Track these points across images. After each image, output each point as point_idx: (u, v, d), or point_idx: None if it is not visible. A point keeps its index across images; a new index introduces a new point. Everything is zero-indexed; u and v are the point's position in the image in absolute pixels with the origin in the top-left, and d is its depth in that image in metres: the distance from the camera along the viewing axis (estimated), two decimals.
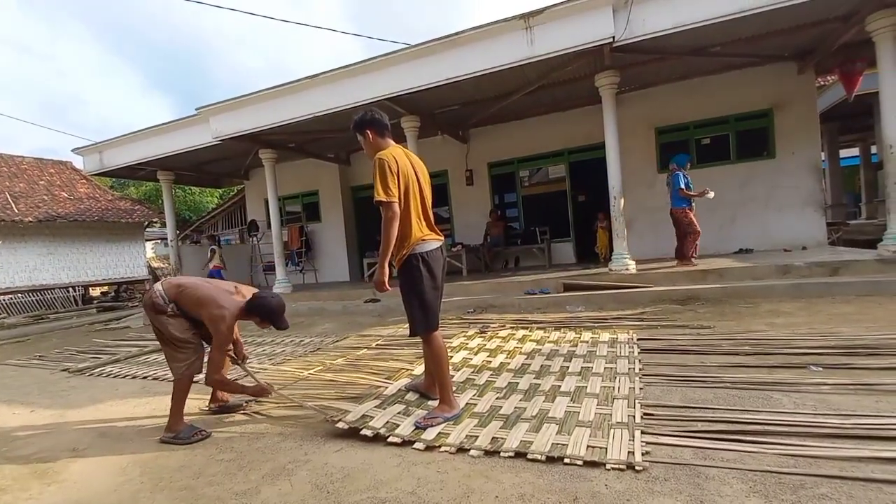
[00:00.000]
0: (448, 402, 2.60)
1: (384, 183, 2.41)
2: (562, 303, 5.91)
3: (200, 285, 2.82)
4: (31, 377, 5.12)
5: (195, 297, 2.73)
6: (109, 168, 9.73)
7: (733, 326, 4.09)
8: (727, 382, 2.76)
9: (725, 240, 7.84)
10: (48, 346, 7.31)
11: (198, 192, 25.93)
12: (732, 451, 1.97)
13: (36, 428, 3.27)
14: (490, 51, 5.97)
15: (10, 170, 14.73)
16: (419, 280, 2.53)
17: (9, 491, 2.30)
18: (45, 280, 13.14)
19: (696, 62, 7.18)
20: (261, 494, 2.03)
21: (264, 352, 5.11)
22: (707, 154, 8.27)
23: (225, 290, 2.85)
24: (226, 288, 2.90)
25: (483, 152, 9.75)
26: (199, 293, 2.74)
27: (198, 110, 8.08)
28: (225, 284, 2.98)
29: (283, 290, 8.81)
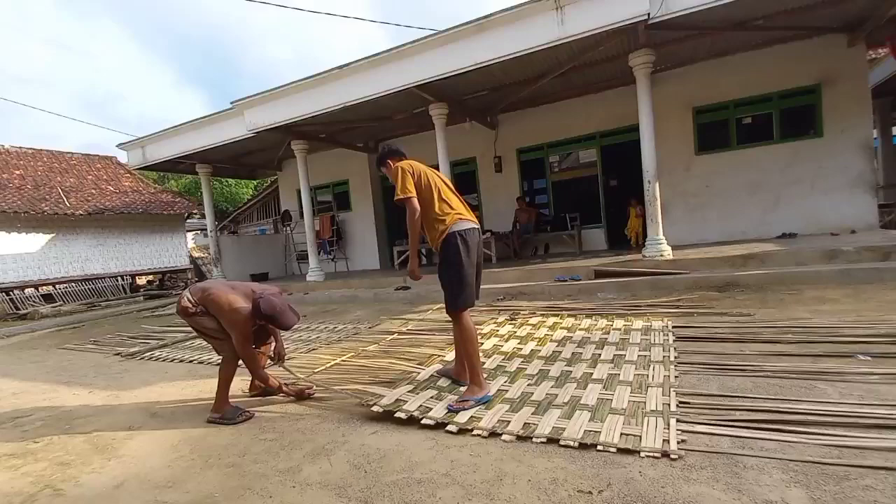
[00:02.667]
0: (478, 383, 2.66)
1: (402, 184, 2.70)
2: (593, 290, 5.84)
3: (221, 292, 2.91)
4: (87, 361, 5.48)
5: (216, 303, 2.85)
6: (152, 162, 10.16)
7: (775, 314, 3.94)
8: (768, 371, 2.68)
9: (767, 224, 7.52)
10: (101, 332, 7.79)
11: (234, 183, 26.78)
12: (773, 441, 1.93)
13: (94, 407, 3.52)
14: (519, 33, 5.85)
15: (61, 166, 15.60)
16: (458, 256, 2.66)
17: (73, 465, 2.49)
18: (95, 270, 13.93)
19: (737, 37, 6.82)
20: (302, 472, 2.13)
21: (300, 338, 5.28)
22: (748, 134, 7.90)
23: (244, 296, 2.92)
24: (246, 292, 2.96)
25: (512, 138, 9.63)
26: (220, 300, 2.86)
27: (233, 104, 8.31)
28: (248, 287, 3.04)
29: (315, 278, 9.05)
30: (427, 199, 2.72)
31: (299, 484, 2.03)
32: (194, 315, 2.91)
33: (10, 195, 12.78)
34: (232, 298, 2.87)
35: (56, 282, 13.16)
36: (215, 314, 2.88)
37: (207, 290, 2.94)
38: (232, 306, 2.83)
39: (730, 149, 7.84)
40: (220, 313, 2.85)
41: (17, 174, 14.06)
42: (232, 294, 2.91)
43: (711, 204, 7.93)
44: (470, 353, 2.69)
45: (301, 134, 8.94)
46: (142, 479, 2.25)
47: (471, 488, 1.84)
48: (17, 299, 12.25)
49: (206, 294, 2.91)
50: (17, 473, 2.45)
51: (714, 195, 7.90)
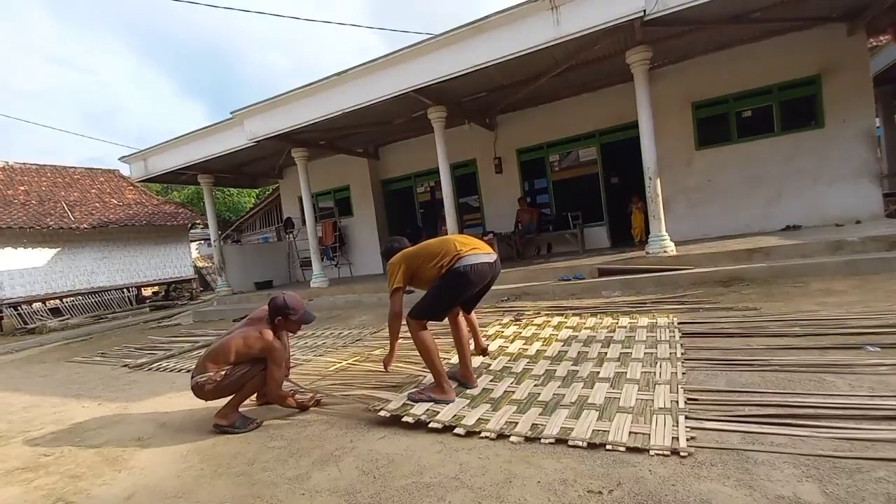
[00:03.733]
0: (442, 388, 2.75)
1: (389, 279, 2.89)
2: (597, 288, 5.82)
3: (229, 339, 2.90)
4: (96, 373, 5.51)
5: (236, 349, 2.84)
6: (154, 174, 10.21)
7: (781, 307, 3.92)
8: (776, 365, 2.67)
9: (771, 217, 7.48)
10: (108, 344, 7.83)
11: (236, 193, 26.87)
12: (783, 436, 1.92)
13: (103, 419, 3.54)
14: (515, 34, 5.85)
15: (65, 180, 15.73)
16: (452, 287, 2.74)
17: (84, 477, 2.51)
18: (101, 282, 14.04)
19: (734, 30, 6.80)
20: (311, 479, 2.13)
21: (306, 344, 5.30)
22: (749, 127, 7.88)
23: (251, 328, 2.95)
24: (249, 327, 2.98)
25: (511, 139, 9.63)
26: (236, 342, 2.86)
27: (233, 114, 8.35)
28: (248, 321, 3.06)
29: (319, 284, 9.06)
30: (435, 254, 2.80)
31: (309, 491, 2.03)
32: (214, 386, 2.83)
33: (15, 211, 12.89)
34: (245, 333, 2.89)
35: (63, 295, 13.26)
36: (247, 356, 2.85)
37: (213, 350, 2.90)
38: (253, 337, 2.85)
39: (730, 143, 7.81)
40: (249, 350, 2.84)
41: (21, 190, 14.19)
42: (239, 333, 2.92)
43: (713, 198, 7.90)
44: (428, 361, 2.77)
45: (301, 141, 8.97)
46: (152, 489, 2.26)
47: (480, 491, 1.83)
48: (25, 314, 12.35)
49: (215, 353, 2.87)
50: (30, 487, 2.46)
51: (716, 190, 7.87)
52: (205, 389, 2.84)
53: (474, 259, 2.74)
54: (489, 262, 2.81)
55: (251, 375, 2.88)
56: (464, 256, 2.72)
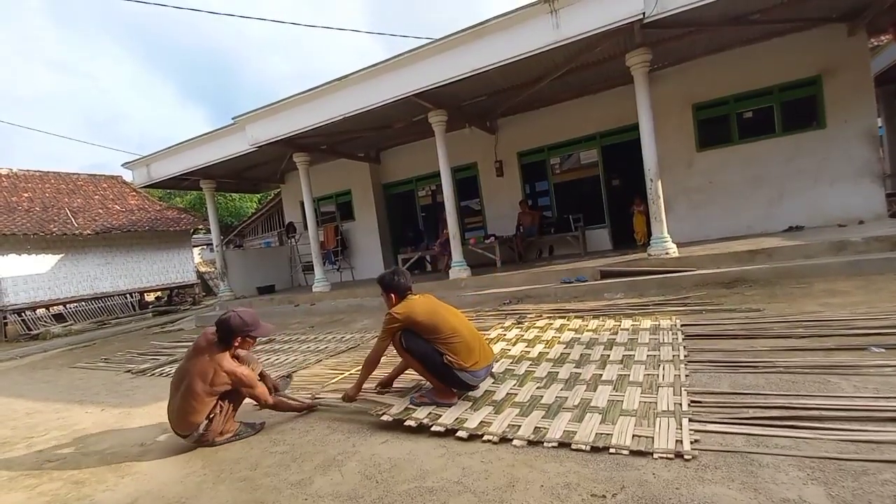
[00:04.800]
0: (442, 391, 2.77)
1: (385, 328, 2.80)
2: (599, 290, 5.81)
3: (196, 389, 2.64)
4: (99, 378, 5.52)
5: (210, 393, 2.66)
6: (157, 180, 10.25)
7: (785, 308, 3.90)
8: (780, 367, 2.66)
9: (773, 217, 7.46)
10: (112, 350, 7.84)
11: (238, 198, 26.97)
12: (788, 438, 1.91)
13: (107, 425, 3.54)
14: (515, 38, 5.87)
15: (68, 187, 15.80)
16: (439, 365, 2.68)
17: (87, 483, 2.51)
18: (104, 288, 14.07)
19: (734, 32, 6.81)
20: (314, 484, 2.13)
21: (308, 348, 5.29)
22: (750, 128, 7.86)
23: (202, 362, 2.71)
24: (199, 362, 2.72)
25: (512, 142, 9.65)
26: (205, 391, 2.65)
27: (234, 119, 8.39)
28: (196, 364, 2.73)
29: (322, 288, 9.07)
30: (445, 335, 2.70)
31: (311, 496, 2.03)
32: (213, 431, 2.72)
33: (19, 218, 12.95)
34: (203, 374, 2.64)
35: (66, 301, 13.29)
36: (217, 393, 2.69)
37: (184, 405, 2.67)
38: (214, 375, 2.64)
39: (731, 144, 7.80)
40: (217, 388, 2.66)
41: (25, 197, 14.26)
42: (196, 374, 2.66)
43: (715, 200, 7.89)
44: (422, 372, 2.80)
45: (302, 146, 9.00)
46: (155, 495, 2.26)
47: (483, 495, 1.83)
48: (29, 320, 12.38)
49: (188, 406, 2.65)
50: (34, 493, 2.47)
51: (717, 191, 7.86)
52: (209, 439, 2.73)
53: (475, 377, 2.73)
54: (483, 376, 2.82)
55: (234, 402, 2.82)
56: (470, 371, 2.67)
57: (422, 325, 2.72)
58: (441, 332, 2.69)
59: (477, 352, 2.73)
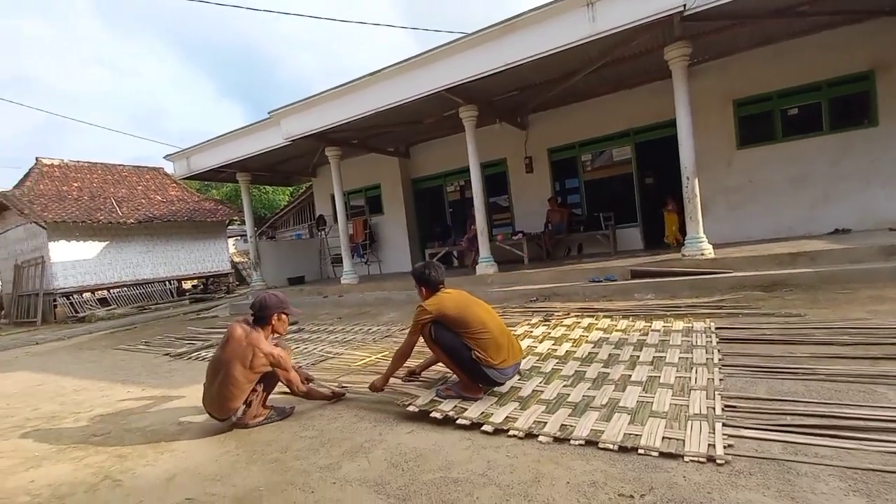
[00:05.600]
0: (468, 385, 2.77)
1: (416, 320, 2.83)
2: (629, 290, 5.69)
3: (235, 373, 2.73)
4: (139, 360, 5.80)
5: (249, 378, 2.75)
6: (196, 172, 10.63)
7: (828, 314, 3.73)
8: (821, 374, 2.55)
9: (817, 219, 7.11)
10: (151, 333, 8.21)
11: (271, 190, 27.67)
12: (828, 448, 1.83)
13: (147, 404, 3.72)
14: (549, 32, 5.78)
15: (114, 177, 16.58)
16: (467, 360, 2.68)
17: (130, 458, 2.65)
18: (145, 275, 14.73)
19: (779, 24, 6.50)
20: (342, 469, 2.18)
21: (336, 339, 5.40)
22: (794, 126, 7.50)
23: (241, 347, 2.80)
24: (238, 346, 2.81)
25: (543, 138, 9.53)
26: (245, 376, 2.74)
27: (270, 113, 8.60)
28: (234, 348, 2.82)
29: (350, 280, 9.22)
30: (474, 329, 2.70)
31: (339, 480, 2.08)
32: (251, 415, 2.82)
33: (69, 206, 13.68)
34: (242, 358, 2.73)
35: (110, 286, 13.99)
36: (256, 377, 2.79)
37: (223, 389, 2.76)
38: (254, 357, 2.73)
39: (774, 141, 7.47)
40: (257, 371, 2.76)
41: (74, 186, 15.04)
42: (236, 360, 2.74)
43: (755, 200, 7.58)
44: (449, 364, 2.82)
45: (334, 140, 9.15)
46: (192, 472, 2.36)
47: (508, 489, 1.83)
48: (75, 303, 13.09)
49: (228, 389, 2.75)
50: (81, 465, 2.62)
51: (758, 190, 7.55)
52: (246, 422, 2.83)
53: (502, 375, 2.72)
54: (511, 373, 2.81)
55: (269, 386, 2.92)
56: (497, 368, 2.66)
57: (451, 319, 2.73)
58: (470, 327, 2.69)
59: (505, 349, 2.72)
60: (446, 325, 2.74)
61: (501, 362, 2.67)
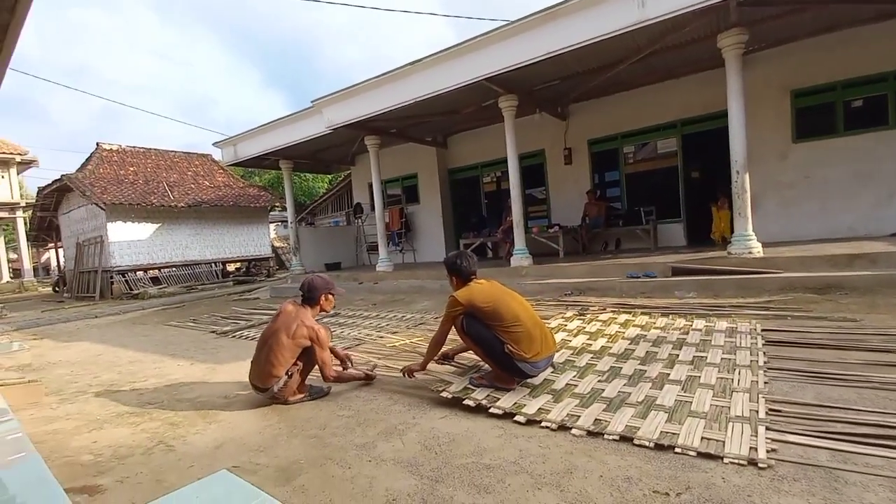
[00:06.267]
0: (501, 375, 2.78)
1: (448, 311, 2.85)
2: (670, 288, 5.53)
3: (282, 341, 2.93)
4: (188, 336, 6.14)
5: (291, 348, 2.92)
6: (242, 158, 11.05)
7: (887, 320, 3.51)
8: (875, 382, 2.42)
9: (879, 220, 6.65)
10: (198, 312, 8.66)
11: (311, 178, 28.33)
12: (879, 458, 1.75)
13: (195, 378, 3.95)
14: (594, 19, 5.62)
15: (166, 163, 17.44)
16: (500, 354, 2.68)
17: (181, 426, 2.83)
18: (193, 256, 15.48)
19: (844, 10, 6.05)
20: (377, 448, 2.26)
21: (371, 324, 5.53)
22: (857, 119, 7.00)
23: (289, 321, 3.00)
24: (286, 321, 3.02)
25: (583, 129, 9.31)
26: (288, 345, 2.92)
27: (313, 102, 8.80)
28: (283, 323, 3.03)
29: (385, 268, 9.38)
30: (507, 322, 2.68)
31: (375, 459, 2.16)
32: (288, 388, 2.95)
33: (125, 189, 14.52)
34: (288, 329, 2.93)
35: (161, 266, 14.80)
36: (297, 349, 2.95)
37: (268, 356, 2.94)
38: (297, 329, 2.92)
39: (835, 135, 7.01)
40: (299, 343, 2.93)
41: (130, 171, 15.94)
42: (283, 330, 2.94)
43: (811, 196, 7.16)
44: (481, 354, 2.85)
45: (374, 129, 9.27)
46: (238, 442, 2.51)
47: (540, 478, 1.85)
48: (130, 281, 13.94)
49: (273, 357, 2.92)
50: (137, 429, 2.83)
51: (814, 187, 7.13)
52: (285, 395, 2.96)
53: (535, 368, 2.72)
54: (544, 366, 2.80)
55: (309, 363, 3.03)
56: (530, 362, 2.65)
57: (483, 311, 2.73)
58: (503, 320, 2.68)
59: (539, 342, 2.70)
60: (478, 316, 2.75)
61: (534, 355, 2.66)
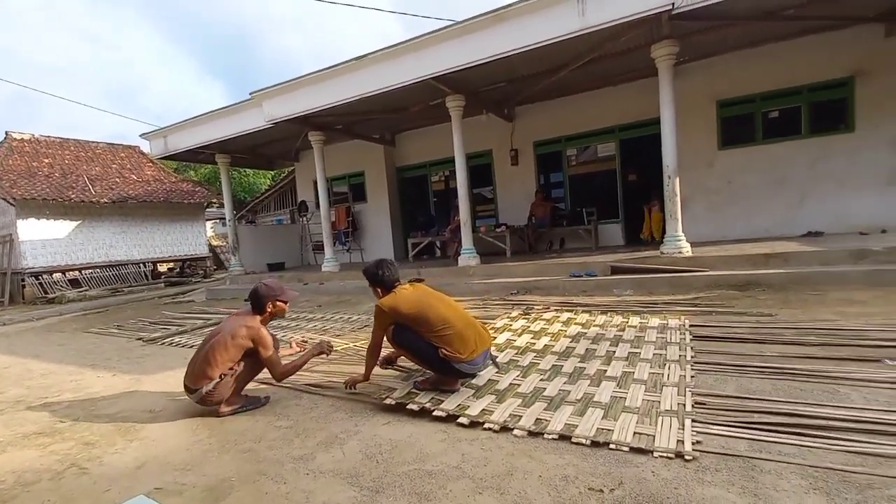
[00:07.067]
0: (446, 380, 2.78)
1: (376, 323, 2.83)
2: (609, 286, 5.77)
3: (222, 342, 2.80)
4: (111, 344, 5.65)
5: (231, 350, 2.78)
6: (173, 152, 10.33)
7: (798, 315, 3.84)
8: (789, 373, 2.62)
9: (792, 222, 7.31)
10: (124, 317, 8.01)
11: (252, 173, 27.10)
12: (792, 446, 1.89)
13: (117, 390, 3.63)
14: (539, 24, 5.74)
15: (87, 154, 15.99)
16: (434, 358, 2.66)
17: (98, 445, 2.58)
18: (119, 256, 14.32)
19: (766, 27, 6.59)
20: (316, 460, 2.17)
21: (315, 327, 5.35)
22: (775, 128, 7.65)
23: (234, 324, 2.88)
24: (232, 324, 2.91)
25: (529, 131, 9.53)
26: (228, 346, 2.78)
27: (252, 94, 8.38)
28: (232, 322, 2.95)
29: (331, 268, 9.13)
30: (435, 327, 2.64)
31: (313, 471, 2.07)
32: (218, 394, 2.77)
33: (39, 183, 13.16)
34: (232, 331, 2.80)
35: (82, 267, 13.56)
36: (237, 352, 2.80)
37: (205, 356, 2.80)
38: (240, 330, 2.79)
39: (755, 143, 7.62)
40: (240, 345, 2.79)
41: (45, 163, 14.46)
42: (227, 331, 2.82)
43: (734, 200, 7.74)
44: (418, 361, 2.84)
45: (318, 125, 8.98)
46: (161, 460, 2.32)
47: (481, 482, 1.84)
48: (45, 283, 12.66)
49: (210, 358, 2.77)
50: (46, 451, 2.55)
51: (737, 191, 7.71)
52: (213, 400, 2.78)
53: (472, 366, 2.70)
54: (481, 362, 2.78)
55: (247, 370, 2.87)
56: (467, 361, 2.63)
57: (410, 318, 2.67)
58: (431, 325, 2.63)
59: (472, 340, 2.67)
60: (406, 324, 2.70)
61: (470, 354, 2.64)
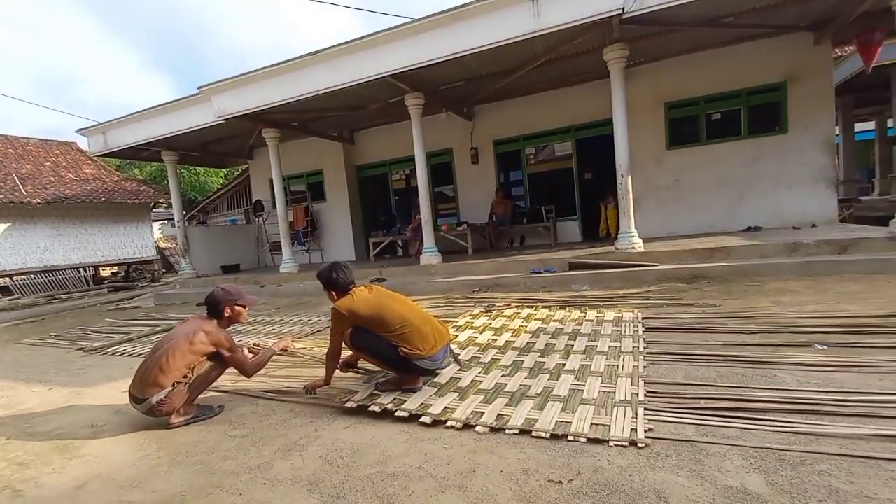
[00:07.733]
0: (407, 379, 2.78)
1: (333, 328, 2.80)
2: (567, 282, 5.93)
3: (178, 348, 2.63)
4: (48, 356, 5.26)
5: (187, 356, 2.63)
6: (114, 149, 9.71)
7: (739, 305, 4.09)
8: (731, 360, 2.79)
9: (733, 217, 7.77)
10: (62, 326, 7.47)
11: (203, 172, 25.94)
12: (734, 429, 2.01)
13: (55, 405, 3.38)
14: (495, 24, 5.82)
15: (17, 151, 14.79)
16: (394, 358, 2.66)
17: (32, 465, 2.39)
18: (55, 261, 13.34)
19: (707, 34, 6.97)
20: (274, 469, 2.10)
21: (273, 330, 5.19)
22: (717, 129, 8.12)
23: (190, 328, 2.74)
24: (187, 328, 2.77)
25: (488, 129, 9.63)
26: (185, 352, 2.63)
27: (200, 89, 8.01)
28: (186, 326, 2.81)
29: (289, 269, 8.88)
30: (393, 327, 2.63)
31: (270, 481, 2.00)
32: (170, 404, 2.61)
33: None
34: (188, 336, 2.65)
35: (12, 273, 12.55)
36: (194, 359, 2.67)
37: (158, 362, 2.61)
38: (197, 335, 2.66)
39: (699, 144, 8.04)
40: (198, 351, 2.66)
41: None
42: (182, 335, 2.68)
43: (681, 198, 8.14)
44: (378, 363, 2.85)
45: (272, 122, 8.70)
46: (105, 479, 2.18)
47: (444, 481, 1.85)
48: None
49: (163, 365, 2.59)
50: None
51: (684, 189, 8.11)
52: (164, 410, 2.61)
53: (433, 362, 2.71)
54: (442, 357, 2.79)
55: (204, 378, 2.75)
56: (428, 357, 2.64)
57: (368, 320, 2.66)
58: (390, 325, 2.62)
59: (431, 336, 2.69)
60: (364, 326, 2.68)
61: (430, 349, 2.65)
